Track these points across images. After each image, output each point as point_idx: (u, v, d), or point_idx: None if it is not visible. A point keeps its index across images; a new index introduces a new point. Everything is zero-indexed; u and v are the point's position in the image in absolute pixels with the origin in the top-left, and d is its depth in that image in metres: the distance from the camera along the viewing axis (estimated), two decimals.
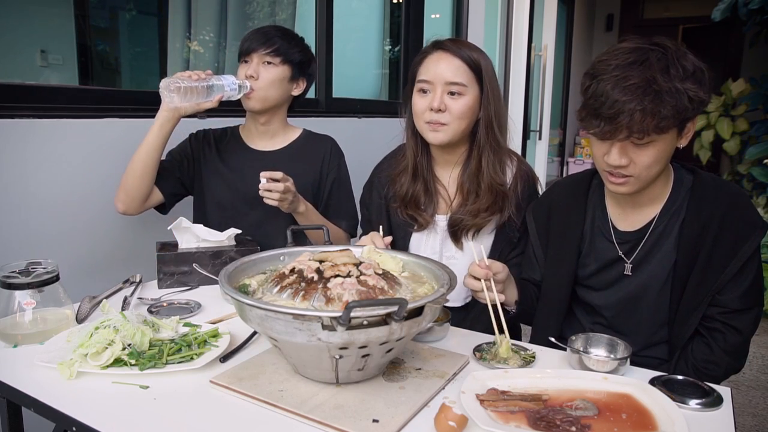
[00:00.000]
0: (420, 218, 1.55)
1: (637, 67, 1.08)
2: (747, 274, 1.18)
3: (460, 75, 1.44)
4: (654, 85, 1.05)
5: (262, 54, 1.69)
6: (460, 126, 1.46)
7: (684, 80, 1.07)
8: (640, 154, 1.13)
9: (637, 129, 1.07)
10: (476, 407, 0.90)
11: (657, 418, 0.89)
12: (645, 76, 1.06)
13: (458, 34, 3.95)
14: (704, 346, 1.21)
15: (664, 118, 1.06)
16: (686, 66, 1.09)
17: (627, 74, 1.07)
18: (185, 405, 0.94)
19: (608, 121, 1.08)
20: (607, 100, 1.07)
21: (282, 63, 1.71)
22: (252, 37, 1.71)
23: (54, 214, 1.66)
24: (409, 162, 1.56)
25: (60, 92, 1.75)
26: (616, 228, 1.31)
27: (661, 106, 1.05)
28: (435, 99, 1.43)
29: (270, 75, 1.70)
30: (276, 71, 1.71)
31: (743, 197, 1.23)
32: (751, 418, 2.51)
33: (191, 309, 1.35)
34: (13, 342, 1.14)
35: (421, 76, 1.47)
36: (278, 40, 1.70)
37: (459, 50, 1.45)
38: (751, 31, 4.74)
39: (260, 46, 1.68)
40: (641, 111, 1.05)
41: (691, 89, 1.07)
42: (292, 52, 1.73)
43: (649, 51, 1.10)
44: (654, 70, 1.06)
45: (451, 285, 0.99)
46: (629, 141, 1.11)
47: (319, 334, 0.85)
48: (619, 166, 1.14)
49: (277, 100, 1.76)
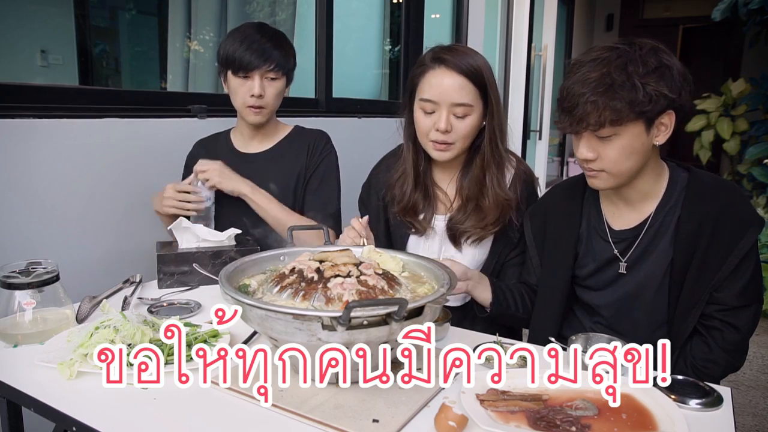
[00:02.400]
0: (417, 224, 1.55)
1: (597, 64, 1.14)
2: (744, 271, 1.18)
3: (465, 95, 1.40)
4: (607, 79, 1.12)
5: (264, 71, 1.67)
6: (465, 144, 1.46)
7: (643, 76, 1.11)
8: (606, 148, 1.17)
9: (593, 122, 1.13)
10: (476, 407, 0.90)
11: (657, 418, 0.89)
12: (602, 71, 1.13)
13: (458, 34, 3.95)
14: (703, 344, 1.22)
15: (616, 110, 1.11)
16: (649, 62, 1.13)
17: (588, 71, 1.15)
18: (185, 405, 0.94)
19: (568, 113, 1.17)
20: (568, 95, 1.16)
21: (282, 75, 1.71)
22: (245, 51, 1.65)
23: (54, 214, 1.66)
24: (410, 171, 1.54)
25: (60, 92, 1.74)
26: (611, 227, 1.32)
27: (614, 99, 1.11)
28: (441, 120, 1.40)
29: (274, 90, 1.71)
30: (278, 84, 1.71)
31: (739, 194, 1.23)
32: (751, 418, 2.51)
33: (191, 309, 1.35)
34: (13, 342, 1.14)
35: (425, 95, 1.42)
36: (275, 52, 1.68)
37: (461, 64, 1.39)
38: (751, 31, 4.75)
39: (262, 63, 1.65)
40: (593, 103, 1.12)
41: (650, 83, 1.11)
42: (288, 61, 1.72)
43: (615, 49, 1.15)
44: (611, 66, 1.13)
45: (451, 285, 0.99)
46: (593, 135, 1.17)
47: (319, 334, 0.85)
48: (586, 159, 1.20)
49: (277, 107, 1.77)
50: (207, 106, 2.09)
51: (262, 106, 1.70)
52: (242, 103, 1.70)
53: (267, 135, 1.83)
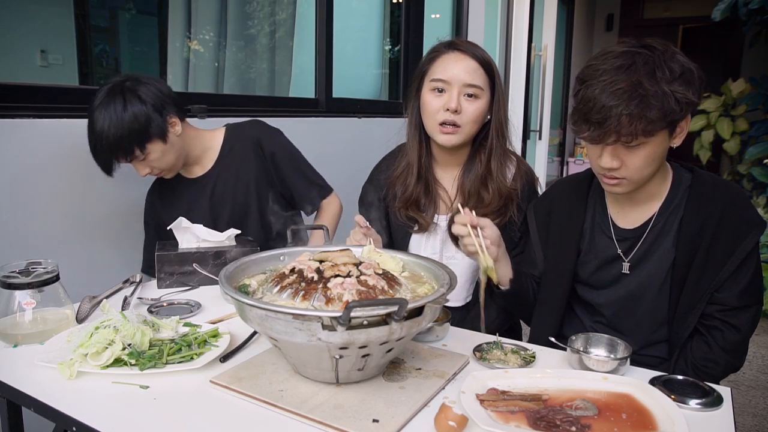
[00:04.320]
0: (421, 220, 1.55)
1: (624, 72, 1.09)
2: (745, 272, 1.19)
3: (477, 78, 1.44)
4: (640, 89, 1.07)
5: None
6: (472, 129, 1.47)
7: (671, 82, 1.08)
8: (632, 156, 1.14)
9: (625, 133, 1.09)
10: (476, 407, 0.90)
11: (657, 418, 0.89)
12: (631, 80, 1.08)
13: (458, 34, 3.95)
14: (703, 344, 1.22)
15: (651, 121, 1.08)
16: (674, 68, 1.10)
17: (614, 79, 1.09)
18: (185, 405, 0.94)
19: (597, 125, 1.10)
20: (595, 105, 1.10)
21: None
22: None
23: (54, 214, 1.66)
24: (414, 162, 1.55)
25: (60, 92, 1.75)
26: (616, 225, 1.32)
27: (648, 110, 1.07)
28: (452, 99, 1.43)
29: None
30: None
31: (742, 195, 1.23)
32: (751, 418, 2.51)
33: (191, 309, 1.35)
34: (13, 342, 1.14)
35: (437, 75, 1.46)
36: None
37: (475, 52, 1.46)
38: (751, 31, 4.75)
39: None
40: (628, 115, 1.07)
41: (679, 91, 1.09)
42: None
43: (636, 54, 1.11)
44: (640, 74, 1.08)
45: (451, 285, 0.99)
46: (620, 145, 1.13)
47: (319, 334, 0.85)
48: (611, 168, 1.16)
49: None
50: (207, 106, 2.09)
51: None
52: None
53: (202, 158, 1.76)
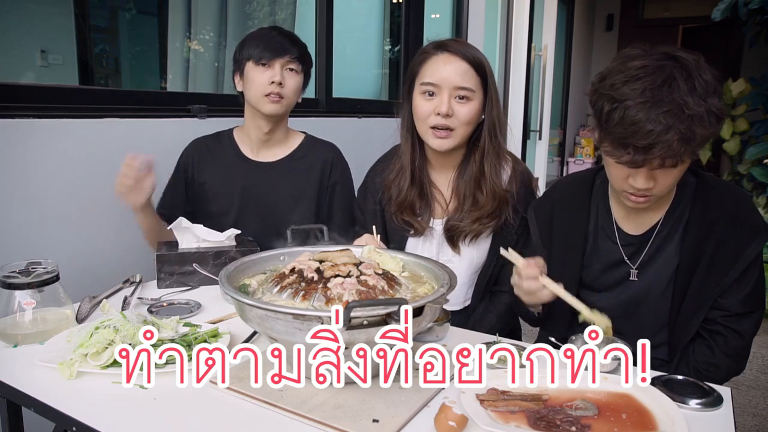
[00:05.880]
0: (416, 224, 1.54)
1: (665, 90, 1.03)
2: (749, 278, 1.18)
3: (468, 79, 1.42)
4: (687, 110, 1.02)
5: (286, 61, 1.66)
6: (465, 131, 1.45)
7: (709, 97, 1.04)
8: (667, 176, 1.11)
9: (671, 155, 1.04)
10: (476, 407, 0.90)
11: (657, 418, 0.89)
12: (676, 101, 1.02)
13: (458, 34, 3.95)
14: (705, 348, 1.21)
15: (699, 143, 1.04)
16: (708, 80, 1.05)
17: (656, 100, 1.03)
18: (185, 405, 0.94)
19: (642, 151, 1.04)
20: (640, 130, 1.02)
21: (301, 71, 1.71)
22: (268, 42, 1.66)
23: (54, 214, 1.66)
24: (407, 166, 1.53)
25: (60, 92, 1.74)
26: (621, 229, 1.30)
27: (695, 133, 1.02)
28: (443, 103, 1.40)
29: (294, 83, 1.70)
30: (298, 79, 1.71)
31: (747, 201, 1.22)
32: (751, 418, 2.51)
33: (191, 309, 1.35)
34: (13, 342, 1.14)
35: (426, 78, 1.43)
36: (295, 48, 1.69)
37: (465, 52, 1.42)
38: (751, 31, 4.74)
39: (283, 52, 1.65)
40: (679, 140, 1.02)
41: (716, 105, 1.04)
42: (307, 60, 1.73)
43: (672, 68, 1.05)
44: (683, 92, 1.03)
45: (451, 285, 0.99)
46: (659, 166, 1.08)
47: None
48: (645, 188, 1.12)
49: (293, 105, 1.75)
50: (207, 106, 2.09)
51: (281, 95, 1.66)
52: (260, 92, 1.65)
53: (278, 143, 1.80)
